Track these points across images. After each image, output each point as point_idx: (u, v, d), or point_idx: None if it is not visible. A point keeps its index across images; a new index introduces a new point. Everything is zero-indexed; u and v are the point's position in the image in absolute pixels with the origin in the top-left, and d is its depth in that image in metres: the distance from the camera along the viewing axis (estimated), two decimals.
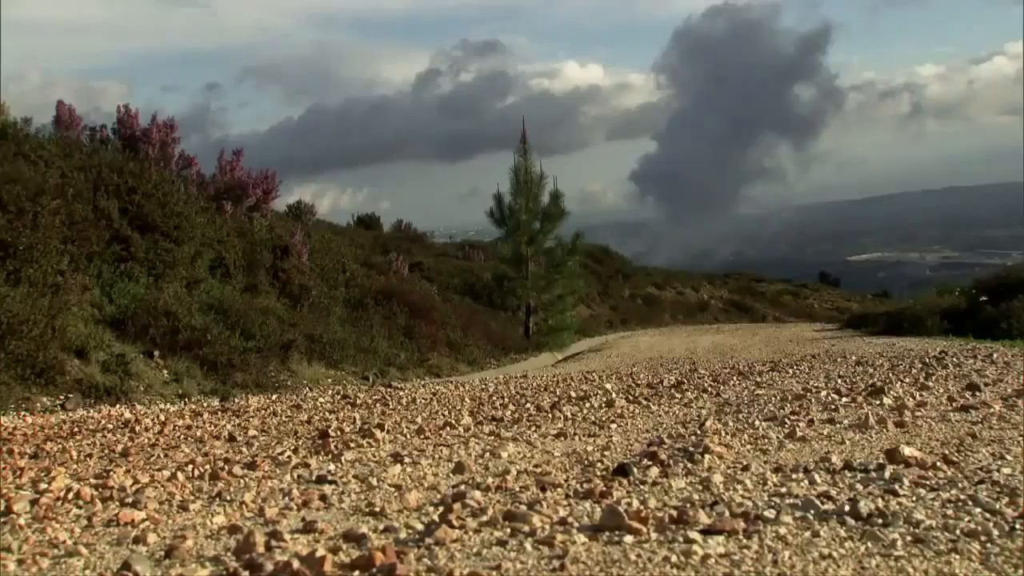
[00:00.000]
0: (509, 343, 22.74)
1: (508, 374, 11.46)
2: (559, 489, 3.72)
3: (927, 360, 10.00)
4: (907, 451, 4.02)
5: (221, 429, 6.34)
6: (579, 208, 26.08)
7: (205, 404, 9.19)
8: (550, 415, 6.24)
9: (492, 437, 5.39)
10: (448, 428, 5.69)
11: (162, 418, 7.09)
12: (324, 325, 15.54)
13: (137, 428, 6.56)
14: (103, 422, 7.10)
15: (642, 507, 3.24)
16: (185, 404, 9.39)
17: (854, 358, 11.24)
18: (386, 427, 5.67)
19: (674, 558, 2.67)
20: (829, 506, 3.20)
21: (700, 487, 3.68)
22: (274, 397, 9.66)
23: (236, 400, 9.25)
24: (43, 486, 4.08)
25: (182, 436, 6.02)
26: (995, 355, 10.62)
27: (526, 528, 3.07)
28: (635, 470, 3.95)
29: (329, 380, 13.72)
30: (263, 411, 7.45)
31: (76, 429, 6.64)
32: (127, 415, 7.72)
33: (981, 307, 20.20)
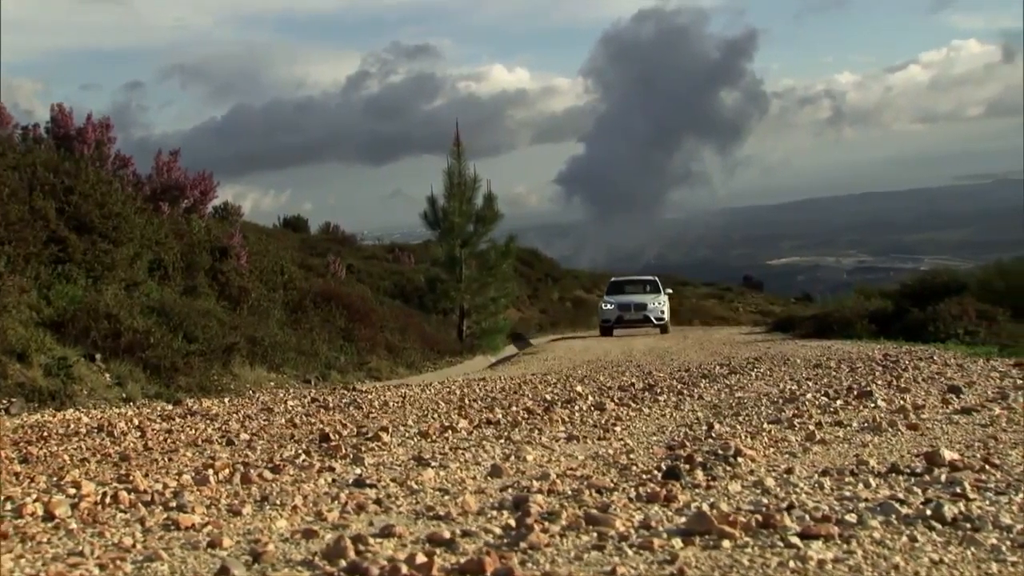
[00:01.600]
0: (443, 346, 22.76)
1: (465, 377, 11.40)
2: (615, 493, 3.68)
3: (884, 363, 10.12)
4: (947, 454, 4.01)
5: (202, 433, 6.21)
6: (505, 210, 26.17)
7: (160, 408, 9.02)
8: (546, 418, 6.18)
9: (503, 441, 5.34)
10: (450, 432, 5.61)
11: (136, 422, 6.95)
12: (264, 328, 15.37)
13: (115, 432, 6.41)
14: (72, 426, 6.94)
15: (716, 511, 3.22)
16: (140, 408, 9.22)
17: (799, 360, 11.32)
18: (388, 431, 5.57)
19: (792, 564, 2.64)
20: (906, 510, 3.18)
21: (757, 490, 3.65)
22: (227, 400, 9.50)
23: (190, 404, 9.08)
24: (72, 491, 3.95)
25: (168, 440, 5.88)
26: (935, 357, 10.82)
27: (613, 532, 3.03)
28: (685, 473, 3.93)
29: (272, 383, 13.57)
30: (235, 415, 7.34)
31: (45, 433, 6.47)
32: (85, 419, 7.55)
33: (908, 310, 20.65)
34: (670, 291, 31.56)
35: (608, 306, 29.50)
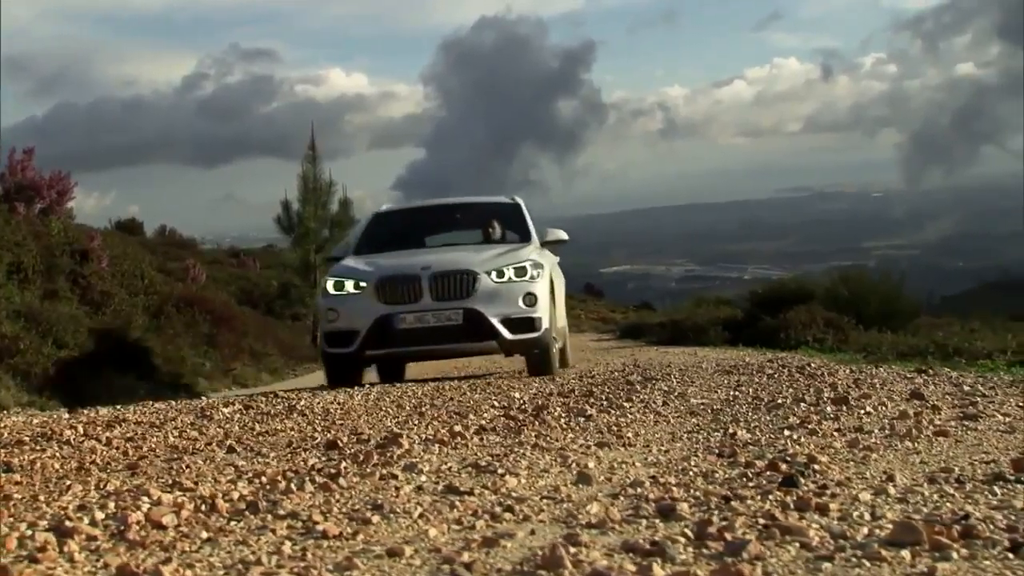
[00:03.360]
0: (299, 352, 22.54)
1: (370, 384, 11.19)
2: (748, 502, 3.54)
3: (801, 370, 10.14)
4: None
5: (165, 441, 5.96)
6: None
7: (56, 415, 8.67)
8: (543, 425, 5.99)
9: (531, 448, 5.12)
10: (460, 438, 5.38)
11: (81, 430, 6.65)
12: (132, 334, 14.97)
13: (71, 441, 6.09)
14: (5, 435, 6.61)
15: (920, 521, 3.14)
16: (31, 416, 8.88)
17: (678, 366, 11.32)
18: (403, 436, 5.40)
19: None
20: None
21: (888, 499, 3.54)
22: (132, 408, 9.19)
23: (86, 412, 8.75)
24: (145, 499, 3.67)
25: (144, 448, 5.60)
26: (813, 363, 11.15)
27: (814, 543, 2.90)
28: (802, 481, 3.79)
29: (142, 391, 13.21)
30: (172, 422, 7.11)
31: None
32: None
33: (759, 318, 21.39)
34: (563, 235, 12.83)
35: (345, 289, 11.36)
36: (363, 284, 11.09)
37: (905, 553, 2.74)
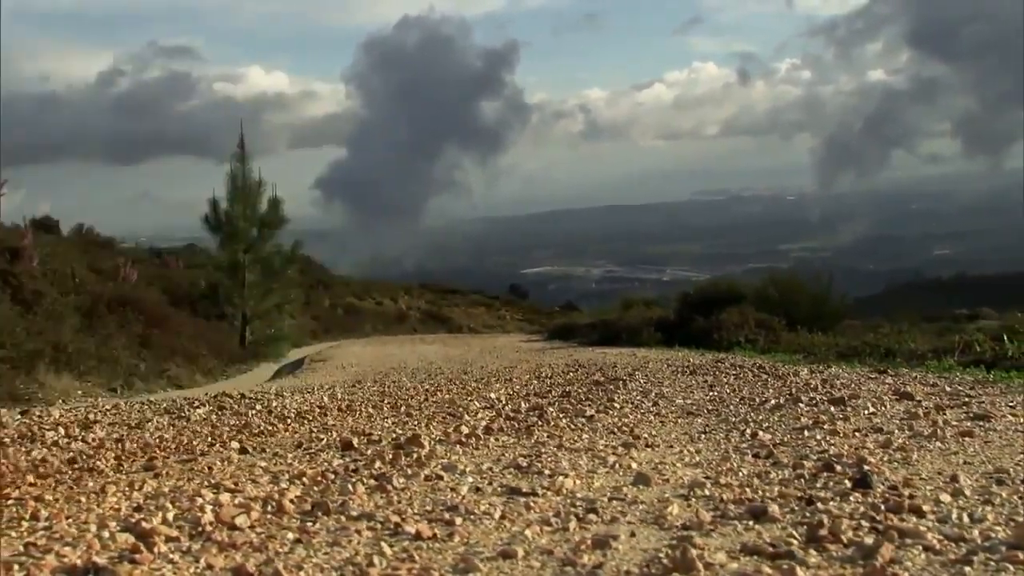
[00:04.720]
0: (229, 353, 22.19)
1: (324, 385, 10.98)
2: (831, 503, 3.50)
3: (765, 371, 10.20)
4: None
5: (154, 442, 5.79)
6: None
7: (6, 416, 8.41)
8: (548, 425, 5.94)
9: (560, 449, 5.01)
10: (475, 439, 5.32)
11: (63, 431, 6.41)
12: (62, 334, 14.63)
13: (58, 441, 5.87)
14: None
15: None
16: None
17: (623, 367, 11.28)
18: (421, 437, 5.27)
19: None
20: None
21: (970, 501, 3.53)
22: (84, 408, 8.95)
23: (38, 412, 8.50)
24: (200, 500, 3.58)
25: (138, 449, 5.41)
26: (766, 365, 11.19)
27: (935, 546, 2.89)
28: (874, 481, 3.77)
29: (80, 393, 12.94)
30: (149, 422, 6.90)
31: None
32: None
33: (691, 319, 21.56)
34: None
35: None
36: None
37: None
